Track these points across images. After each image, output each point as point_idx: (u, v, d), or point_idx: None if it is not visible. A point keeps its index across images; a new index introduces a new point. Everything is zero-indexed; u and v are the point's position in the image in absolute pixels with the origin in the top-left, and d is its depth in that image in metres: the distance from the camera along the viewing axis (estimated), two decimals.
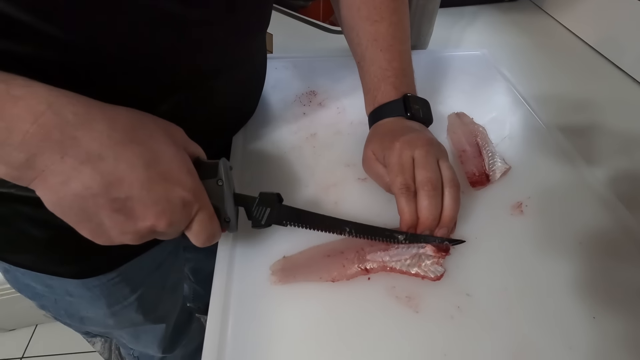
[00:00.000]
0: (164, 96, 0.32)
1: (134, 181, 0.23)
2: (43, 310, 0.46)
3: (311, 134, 0.46)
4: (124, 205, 0.23)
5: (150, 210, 0.23)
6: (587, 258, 0.34)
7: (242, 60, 0.39)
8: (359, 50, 0.42)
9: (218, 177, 0.28)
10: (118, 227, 0.23)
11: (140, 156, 0.23)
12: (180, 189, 0.24)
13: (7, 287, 0.92)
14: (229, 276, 0.33)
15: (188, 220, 0.26)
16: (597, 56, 0.64)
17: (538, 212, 0.38)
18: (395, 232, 0.33)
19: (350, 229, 0.33)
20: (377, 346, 0.29)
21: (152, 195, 0.23)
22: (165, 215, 0.24)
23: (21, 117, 0.20)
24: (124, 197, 0.22)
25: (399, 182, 0.33)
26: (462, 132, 0.45)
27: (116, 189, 0.22)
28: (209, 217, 0.27)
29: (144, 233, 0.24)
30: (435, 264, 0.32)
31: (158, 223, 0.24)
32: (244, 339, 0.29)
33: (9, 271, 0.41)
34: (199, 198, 0.26)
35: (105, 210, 0.22)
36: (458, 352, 0.28)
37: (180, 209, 0.24)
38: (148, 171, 0.23)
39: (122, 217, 0.23)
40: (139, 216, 0.23)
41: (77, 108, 0.22)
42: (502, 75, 0.57)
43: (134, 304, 0.47)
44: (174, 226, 0.24)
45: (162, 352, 0.63)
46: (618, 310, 0.31)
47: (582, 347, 0.29)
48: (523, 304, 0.31)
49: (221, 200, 0.28)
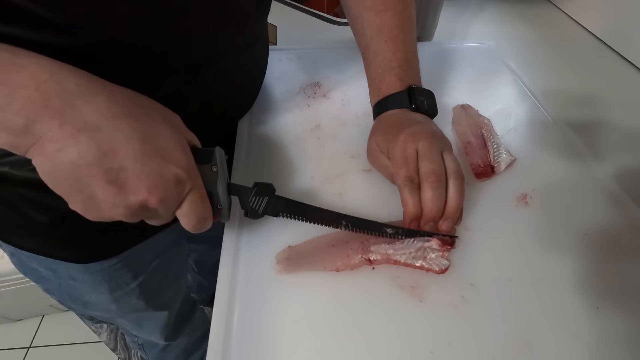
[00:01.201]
0: (161, 81, 0.33)
1: (129, 153, 0.23)
2: (48, 294, 0.47)
3: (316, 125, 0.46)
4: (117, 177, 0.23)
5: (143, 183, 0.23)
6: (592, 250, 0.34)
7: (241, 47, 0.39)
8: (364, 40, 0.41)
9: (212, 163, 0.28)
10: (110, 199, 0.23)
11: (136, 130, 0.23)
12: (174, 166, 0.24)
13: (14, 278, 0.93)
14: (235, 264, 0.33)
15: (179, 199, 0.25)
16: (605, 48, 0.64)
17: (543, 203, 0.38)
18: (389, 226, 0.33)
19: (347, 223, 0.33)
20: (381, 335, 0.29)
21: (145, 169, 0.23)
22: (158, 190, 0.24)
23: (24, 84, 0.21)
24: (118, 168, 0.22)
25: (402, 174, 0.33)
26: (467, 123, 0.45)
27: (110, 160, 0.22)
28: (200, 199, 0.26)
29: (135, 208, 0.24)
30: (441, 257, 0.33)
31: (150, 198, 0.23)
32: (249, 326, 0.30)
33: (15, 254, 0.42)
34: (192, 178, 0.26)
35: (98, 180, 0.22)
36: (462, 341, 0.29)
37: (173, 185, 0.24)
38: (143, 145, 0.23)
39: (115, 188, 0.23)
40: (131, 189, 0.23)
41: (79, 79, 0.23)
42: (508, 67, 0.56)
43: (136, 290, 0.48)
44: (165, 203, 0.24)
45: (164, 339, 0.64)
46: (622, 301, 0.31)
47: (586, 337, 0.29)
48: (527, 294, 0.31)
49: (214, 185, 0.28)
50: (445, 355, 0.28)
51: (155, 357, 0.75)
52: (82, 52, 0.28)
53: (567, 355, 0.28)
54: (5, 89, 0.21)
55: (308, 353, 0.28)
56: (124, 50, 0.30)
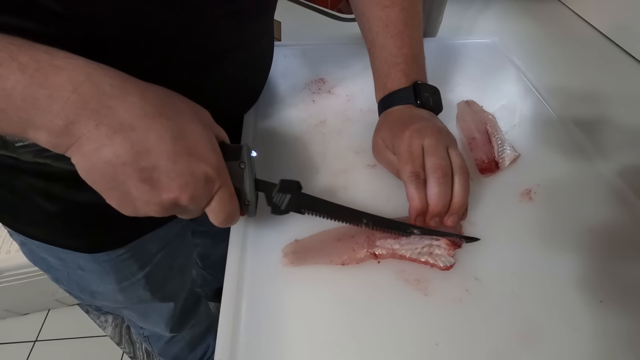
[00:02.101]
0: (169, 75, 0.33)
1: (162, 152, 0.24)
2: (57, 283, 0.48)
3: (320, 121, 0.47)
4: (150, 176, 0.24)
5: (175, 182, 0.24)
6: (595, 245, 0.34)
7: (248, 43, 0.39)
8: (370, 36, 0.42)
9: (241, 159, 0.29)
10: (144, 197, 0.24)
11: (168, 129, 0.24)
12: (204, 164, 0.25)
13: (19, 273, 0.94)
14: (242, 257, 0.33)
15: (209, 196, 0.26)
16: (610, 44, 0.63)
17: (547, 199, 0.38)
18: (412, 226, 0.34)
19: (368, 221, 0.33)
20: (386, 327, 0.29)
21: (177, 168, 0.24)
22: (189, 188, 0.24)
23: (62, 86, 0.22)
24: (151, 167, 0.23)
25: (408, 169, 0.34)
26: (471, 119, 0.45)
27: (144, 159, 0.23)
28: (229, 196, 0.27)
29: (167, 205, 0.25)
30: (447, 254, 0.33)
31: (181, 196, 0.24)
32: (257, 318, 0.30)
33: (25, 244, 0.43)
34: (221, 176, 0.26)
35: (132, 179, 0.23)
36: (466, 333, 0.29)
37: (203, 184, 0.25)
38: (175, 144, 0.24)
39: (148, 187, 0.24)
40: (164, 187, 0.24)
41: (113, 80, 0.23)
42: (512, 63, 0.56)
43: (142, 281, 0.48)
44: (195, 200, 0.25)
45: (170, 330, 0.65)
46: (625, 296, 0.31)
47: (588, 330, 0.29)
48: (530, 288, 0.32)
49: (242, 182, 0.29)
50: (450, 346, 0.28)
51: (160, 350, 0.76)
52: (91, 46, 0.28)
53: (570, 347, 0.29)
54: (46, 91, 0.22)
55: (314, 345, 0.29)
56: (130, 45, 0.30)
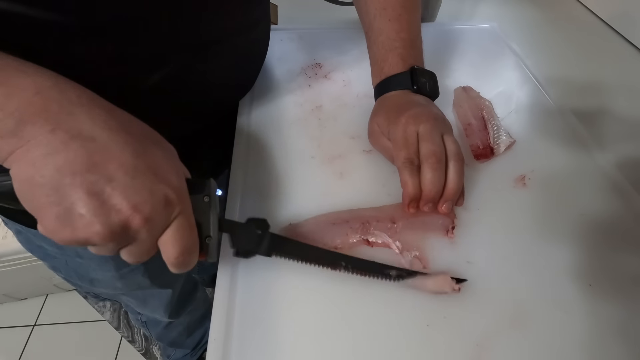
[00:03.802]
0: (164, 61, 0.33)
1: (121, 165, 0.21)
2: (54, 271, 0.48)
3: (317, 106, 0.46)
4: (102, 189, 0.21)
5: (129, 200, 0.21)
6: (587, 232, 0.35)
7: (244, 28, 0.39)
8: (367, 19, 0.41)
9: (205, 193, 0.26)
10: (88, 214, 0.20)
11: (131, 145, 0.22)
12: (165, 185, 0.23)
13: (17, 258, 0.94)
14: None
15: (166, 222, 0.23)
16: (611, 32, 0.63)
17: (541, 185, 0.38)
18: (392, 268, 0.31)
19: (346, 264, 0.31)
20: (379, 309, 0.30)
21: (135, 183, 0.21)
22: (145, 208, 0.21)
23: (25, 87, 0.21)
24: (105, 179, 0.21)
25: (402, 156, 0.34)
26: (468, 105, 0.45)
27: (100, 169, 0.21)
28: (189, 226, 0.24)
29: (115, 227, 0.21)
30: None
31: (134, 216, 0.21)
32: (251, 300, 0.30)
33: (21, 232, 0.42)
34: (182, 201, 0.24)
35: (79, 191, 0.20)
36: (457, 315, 0.30)
37: (161, 206, 0.22)
38: (137, 160, 0.22)
39: (97, 202, 0.20)
40: (115, 205, 0.21)
41: (81, 92, 0.22)
42: (511, 49, 0.56)
43: (141, 268, 0.49)
44: (150, 224, 0.22)
45: (168, 316, 0.65)
46: (615, 281, 0.32)
47: (577, 312, 0.30)
48: (522, 272, 0.32)
49: (206, 215, 0.26)
50: (441, 328, 0.29)
51: (158, 334, 0.77)
52: (86, 32, 0.28)
53: (559, 329, 0.29)
54: (4, 89, 0.20)
55: (308, 328, 0.29)
56: (126, 32, 0.29)
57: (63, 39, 0.27)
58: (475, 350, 0.28)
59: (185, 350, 0.86)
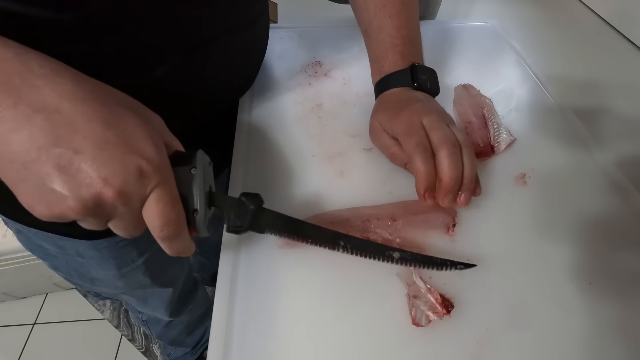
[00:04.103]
0: (162, 59, 0.32)
1: (87, 137, 0.20)
2: (55, 271, 0.48)
3: (317, 104, 0.46)
4: (69, 163, 0.20)
5: (98, 172, 0.20)
6: (588, 230, 0.35)
7: (242, 25, 0.39)
8: (367, 16, 0.41)
9: (192, 165, 0.25)
10: (59, 189, 0.20)
11: (100, 115, 0.21)
12: (137, 156, 0.21)
13: (17, 256, 0.94)
14: (238, 239, 0.34)
15: (142, 194, 0.22)
16: (610, 30, 0.63)
17: (541, 184, 0.38)
18: (395, 250, 0.30)
19: (345, 244, 0.29)
20: (379, 307, 0.30)
21: (104, 155, 0.20)
22: (116, 180, 0.20)
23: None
24: (72, 152, 0.20)
25: (413, 142, 0.32)
26: (468, 103, 0.45)
27: (66, 142, 0.20)
28: (170, 198, 0.23)
29: (87, 202, 0.20)
30: (427, 314, 0.29)
31: (105, 190, 0.20)
32: (251, 299, 0.30)
33: (21, 232, 0.42)
34: (159, 172, 0.22)
35: (47, 166, 0.19)
36: (457, 311, 0.30)
37: (135, 178, 0.21)
38: (106, 131, 0.21)
39: (65, 177, 0.20)
40: (84, 179, 0.20)
41: (45, 62, 0.21)
42: (511, 47, 0.56)
43: (142, 267, 0.49)
44: (123, 198, 0.21)
45: (169, 315, 0.65)
46: (615, 279, 0.32)
47: (577, 310, 0.30)
48: (521, 270, 0.32)
49: (190, 188, 0.25)
50: (441, 326, 0.29)
51: (158, 333, 0.77)
52: (87, 29, 0.28)
53: (558, 327, 0.29)
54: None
55: (308, 325, 0.29)
56: (125, 29, 0.29)
57: (58, 36, 0.27)
58: (476, 348, 0.28)
59: (185, 349, 0.86)
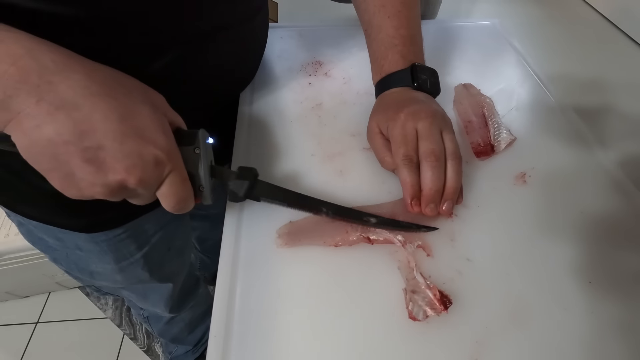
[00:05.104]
0: (161, 53, 0.33)
1: (107, 132, 0.22)
2: (55, 264, 0.48)
3: (317, 103, 0.46)
4: (95, 156, 0.22)
5: (121, 163, 0.23)
6: (588, 230, 0.35)
7: (241, 20, 0.39)
8: (366, 16, 0.41)
9: (195, 144, 0.28)
10: (88, 178, 0.23)
11: (115, 109, 0.23)
12: (153, 146, 0.24)
13: (20, 256, 0.95)
14: (237, 238, 0.34)
15: (159, 180, 0.25)
16: (612, 28, 0.62)
17: (541, 182, 0.38)
18: (372, 215, 0.33)
19: (327, 210, 0.33)
20: (378, 306, 0.30)
21: (124, 148, 0.23)
22: (136, 170, 0.23)
23: (0, 59, 0.21)
24: (96, 146, 0.22)
25: (401, 153, 0.34)
26: (468, 103, 0.45)
27: (88, 138, 0.22)
28: (181, 180, 0.26)
29: (114, 187, 0.23)
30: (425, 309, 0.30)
31: (128, 178, 0.23)
32: (251, 298, 0.31)
33: (22, 224, 0.43)
34: (172, 159, 0.25)
35: (75, 159, 0.22)
36: (457, 311, 0.30)
37: (152, 166, 0.24)
38: (122, 124, 0.23)
39: (93, 167, 0.23)
40: (110, 168, 0.23)
41: (56, 56, 0.22)
42: (512, 46, 0.55)
43: (140, 261, 0.49)
44: (144, 183, 0.24)
45: (169, 311, 0.66)
46: (615, 278, 0.32)
47: (577, 309, 0.30)
48: (521, 269, 0.32)
49: (196, 167, 0.28)
50: (440, 325, 0.29)
51: (160, 330, 0.77)
52: (87, 21, 0.28)
53: (558, 326, 0.29)
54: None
55: (307, 322, 0.29)
56: (126, 22, 0.30)
57: (55, 28, 0.27)
58: (475, 348, 0.28)
59: (186, 347, 0.87)
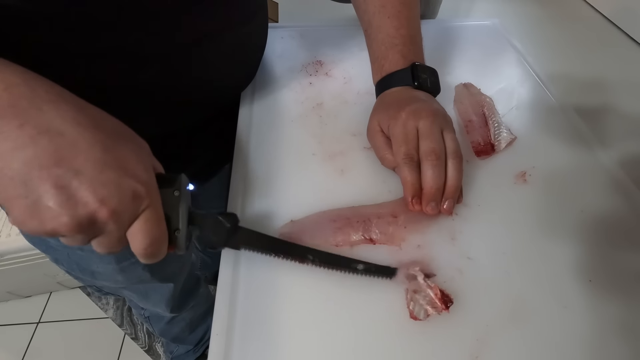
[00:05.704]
0: (160, 54, 0.33)
1: (88, 160, 0.22)
2: (56, 264, 0.49)
3: (317, 103, 0.46)
4: (68, 183, 0.21)
5: (96, 193, 0.21)
6: (588, 229, 0.35)
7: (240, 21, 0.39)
8: (366, 17, 0.41)
9: (175, 187, 0.27)
10: (55, 207, 0.21)
11: (100, 141, 0.22)
12: (133, 179, 0.23)
13: (22, 256, 0.95)
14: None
15: (134, 214, 0.23)
16: (613, 28, 0.62)
17: (542, 182, 0.38)
18: (359, 262, 0.31)
19: (314, 258, 0.31)
20: (380, 306, 0.30)
21: (102, 177, 0.22)
22: (112, 200, 0.22)
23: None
24: (72, 173, 0.21)
25: (402, 152, 0.34)
26: (469, 102, 0.45)
27: (67, 164, 0.21)
28: (157, 218, 0.24)
29: (81, 219, 0.21)
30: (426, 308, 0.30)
31: (100, 209, 0.22)
32: (252, 296, 0.31)
33: None
34: (150, 194, 0.24)
35: (46, 184, 0.21)
36: (458, 309, 0.30)
37: (129, 199, 0.23)
38: (105, 154, 0.22)
39: (63, 195, 0.21)
40: (81, 198, 0.21)
41: (50, 88, 0.22)
42: (512, 46, 0.55)
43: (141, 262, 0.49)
44: (117, 216, 0.22)
45: (170, 311, 0.66)
46: (615, 277, 0.32)
47: (577, 308, 0.30)
48: (522, 268, 0.32)
49: (175, 209, 0.27)
50: (440, 323, 0.29)
51: (161, 330, 0.77)
52: (85, 26, 0.28)
53: (558, 325, 0.29)
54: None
55: (309, 324, 0.29)
56: (126, 26, 0.30)
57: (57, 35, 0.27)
58: (475, 345, 0.28)
59: (187, 347, 0.87)
